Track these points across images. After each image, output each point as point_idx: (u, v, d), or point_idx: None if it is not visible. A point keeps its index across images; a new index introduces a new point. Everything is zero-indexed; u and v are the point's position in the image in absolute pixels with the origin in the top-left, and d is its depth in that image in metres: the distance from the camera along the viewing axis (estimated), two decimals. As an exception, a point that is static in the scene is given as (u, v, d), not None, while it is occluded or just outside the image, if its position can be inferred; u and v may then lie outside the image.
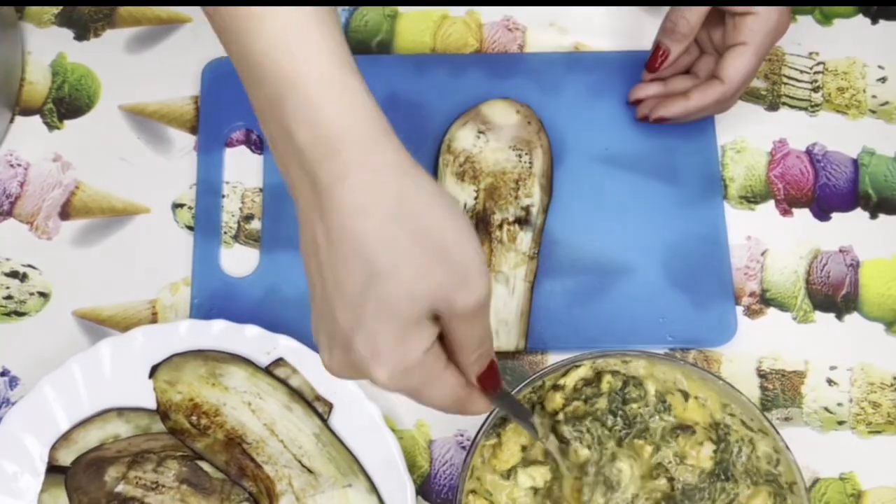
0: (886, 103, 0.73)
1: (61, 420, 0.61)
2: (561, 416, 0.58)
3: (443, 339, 0.44)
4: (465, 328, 0.43)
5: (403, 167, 0.41)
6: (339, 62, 0.42)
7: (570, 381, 0.59)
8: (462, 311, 0.41)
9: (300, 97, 0.41)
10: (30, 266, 0.68)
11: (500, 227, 0.67)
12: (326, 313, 0.43)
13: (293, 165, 0.42)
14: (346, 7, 0.75)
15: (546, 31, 0.74)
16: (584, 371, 0.59)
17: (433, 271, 0.40)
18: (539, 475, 0.58)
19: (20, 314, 0.66)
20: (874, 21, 0.75)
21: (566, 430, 0.58)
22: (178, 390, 0.61)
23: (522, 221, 0.67)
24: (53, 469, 0.60)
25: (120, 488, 0.60)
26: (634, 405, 0.58)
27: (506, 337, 0.65)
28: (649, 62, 0.67)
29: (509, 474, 0.57)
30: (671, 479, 0.57)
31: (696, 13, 0.64)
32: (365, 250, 0.40)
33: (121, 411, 0.62)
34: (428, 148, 0.69)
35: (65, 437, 0.61)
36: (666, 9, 0.66)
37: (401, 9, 0.75)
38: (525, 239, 0.67)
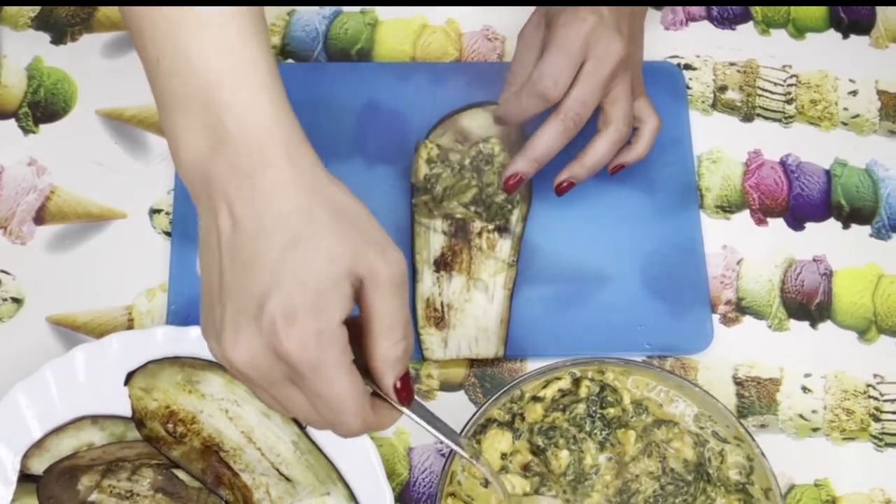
0: (857, 116, 0.74)
1: (34, 428, 0.60)
2: (535, 428, 0.58)
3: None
4: (385, 302, 0.44)
5: (317, 164, 0.45)
6: (266, 71, 0.45)
7: (549, 392, 0.59)
8: (384, 279, 0.43)
9: (230, 100, 0.44)
10: (3, 271, 0.67)
11: (480, 234, 0.67)
12: (232, 294, 0.43)
13: (207, 163, 0.44)
14: (326, 15, 0.75)
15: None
16: (563, 383, 0.59)
17: (352, 237, 0.43)
18: (519, 485, 0.58)
19: (-8, 320, 0.65)
20: (845, 36, 0.77)
21: (539, 440, 0.58)
22: (154, 397, 0.61)
23: (502, 229, 0.67)
24: (25, 478, 0.59)
25: (93, 497, 0.59)
26: (612, 409, 0.59)
27: (485, 344, 0.65)
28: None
29: (488, 482, 0.57)
30: (663, 459, 0.57)
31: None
32: (286, 221, 0.42)
33: (95, 419, 0.61)
34: (407, 156, 0.70)
35: (37, 446, 0.60)
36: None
37: (381, 17, 0.75)
38: (504, 247, 0.67)
